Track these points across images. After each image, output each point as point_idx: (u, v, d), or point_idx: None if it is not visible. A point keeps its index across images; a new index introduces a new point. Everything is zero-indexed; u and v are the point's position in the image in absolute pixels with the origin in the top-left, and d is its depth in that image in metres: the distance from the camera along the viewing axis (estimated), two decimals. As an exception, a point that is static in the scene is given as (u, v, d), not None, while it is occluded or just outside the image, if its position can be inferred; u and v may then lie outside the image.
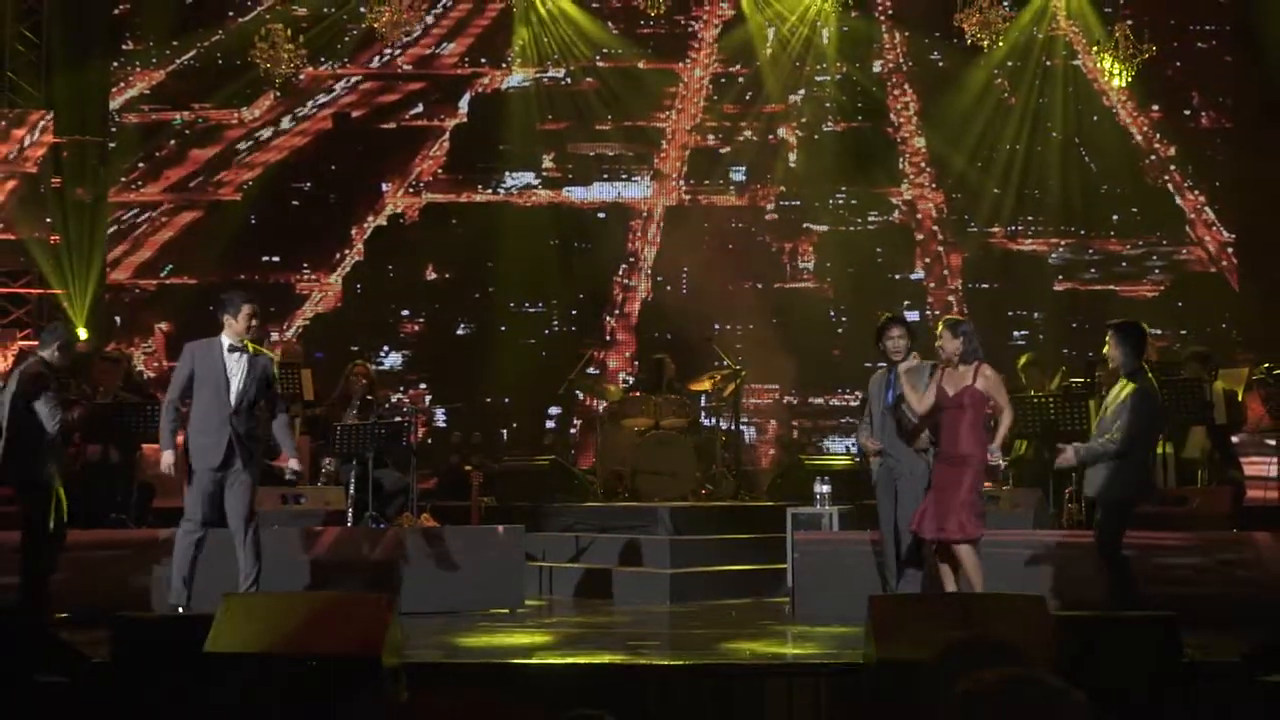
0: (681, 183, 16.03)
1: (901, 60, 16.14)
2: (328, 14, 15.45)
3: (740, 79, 16.18)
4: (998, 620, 5.51)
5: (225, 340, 7.49)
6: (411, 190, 16.07)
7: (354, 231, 15.85)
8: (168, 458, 7.52)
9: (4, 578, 7.91)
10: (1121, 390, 7.31)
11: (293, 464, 7.90)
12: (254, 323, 7.60)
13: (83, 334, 14.24)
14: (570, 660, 6.81)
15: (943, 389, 7.37)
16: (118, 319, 15.49)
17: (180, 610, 7.24)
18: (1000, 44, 14.90)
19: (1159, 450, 9.74)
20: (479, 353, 15.25)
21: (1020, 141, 15.45)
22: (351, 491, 9.68)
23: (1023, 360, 11.06)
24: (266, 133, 15.94)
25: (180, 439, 7.66)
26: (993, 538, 7.76)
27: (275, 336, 15.23)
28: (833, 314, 15.64)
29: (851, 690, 5.76)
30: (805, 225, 15.88)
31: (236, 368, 7.49)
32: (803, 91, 16.06)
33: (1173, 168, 15.66)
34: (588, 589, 9.69)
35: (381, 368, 15.13)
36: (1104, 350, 7.62)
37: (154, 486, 10.28)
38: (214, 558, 7.48)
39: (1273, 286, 14.32)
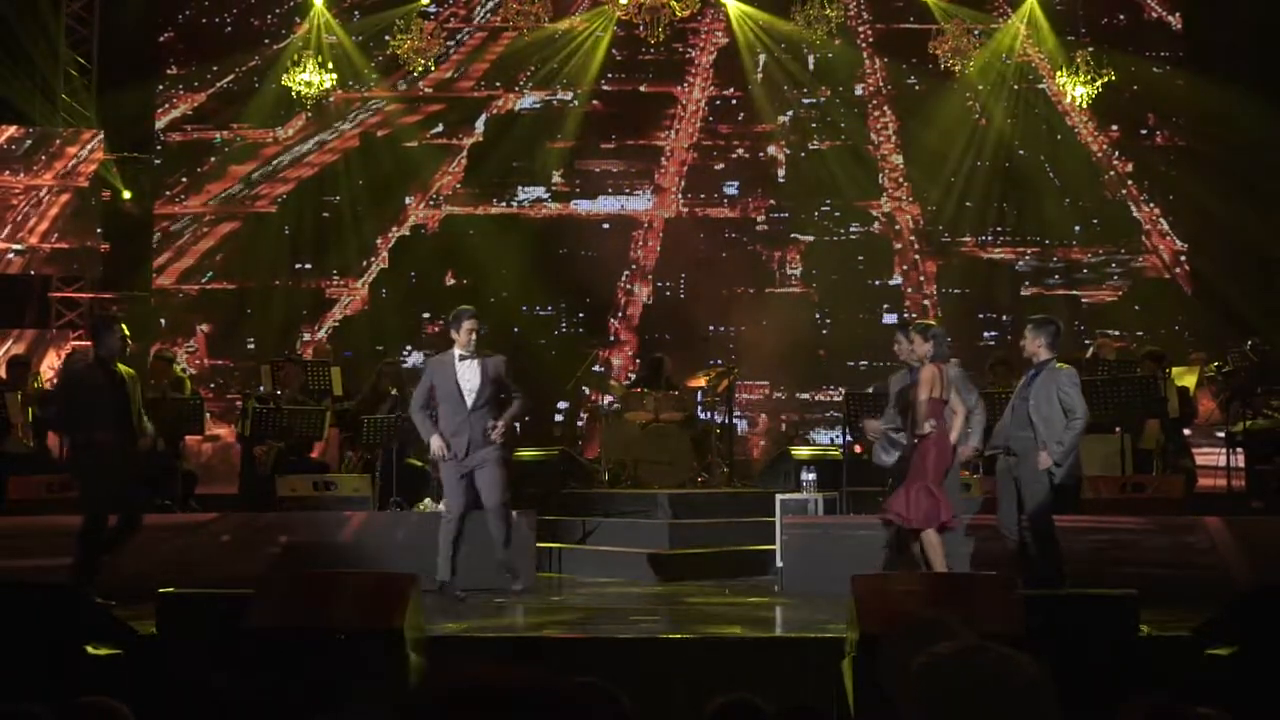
0: (679, 196, 16.01)
1: (881, 84, 16.11)
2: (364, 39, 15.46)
3: (733, 101, 16.17)
4: (970, 598, 5.51)
5: (456, 352, 7.89)
6: (432, 203, 16.05)
7: (379, 241, 15.84)
8: (436, 442, 7.88)
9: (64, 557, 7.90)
10: (1040, 378, 7.33)
11: (496, 429, 7.93)
12: (474, 335, 7.92)
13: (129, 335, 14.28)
14: (577, 633, 6.81)
15: (911, 387, 7.39)
16: (163, 321, 15.48)
17: (442, 585, 7.74)
18: (971, 69, 14.90)
19: (1119, 441, 9.80)
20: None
21: (990, 158, 15.44)
22: (378, 479, 9.69)
23: (992, 360, 11.06)
24: (299, 150, 15.93)
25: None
26: (964, 520, 7.75)
27: (307, 337, 15.23)
28: (818, 317, 15.61)
29: (835, 661, 5.76)
30: (793, 235, 15.86)
31: (468, 374, 7.88)
32: (790, 113, 16.04)
33: (1130, 183, 15.65)
34: (593, 568, 9.69)
35: (405, 365, 15.12)
36: (1022, 343, 7.62)
37: (196, 475, 10.31)
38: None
39: (1221, 292, 14.33)
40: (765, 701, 3.21)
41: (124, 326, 8.06)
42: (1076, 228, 15.64)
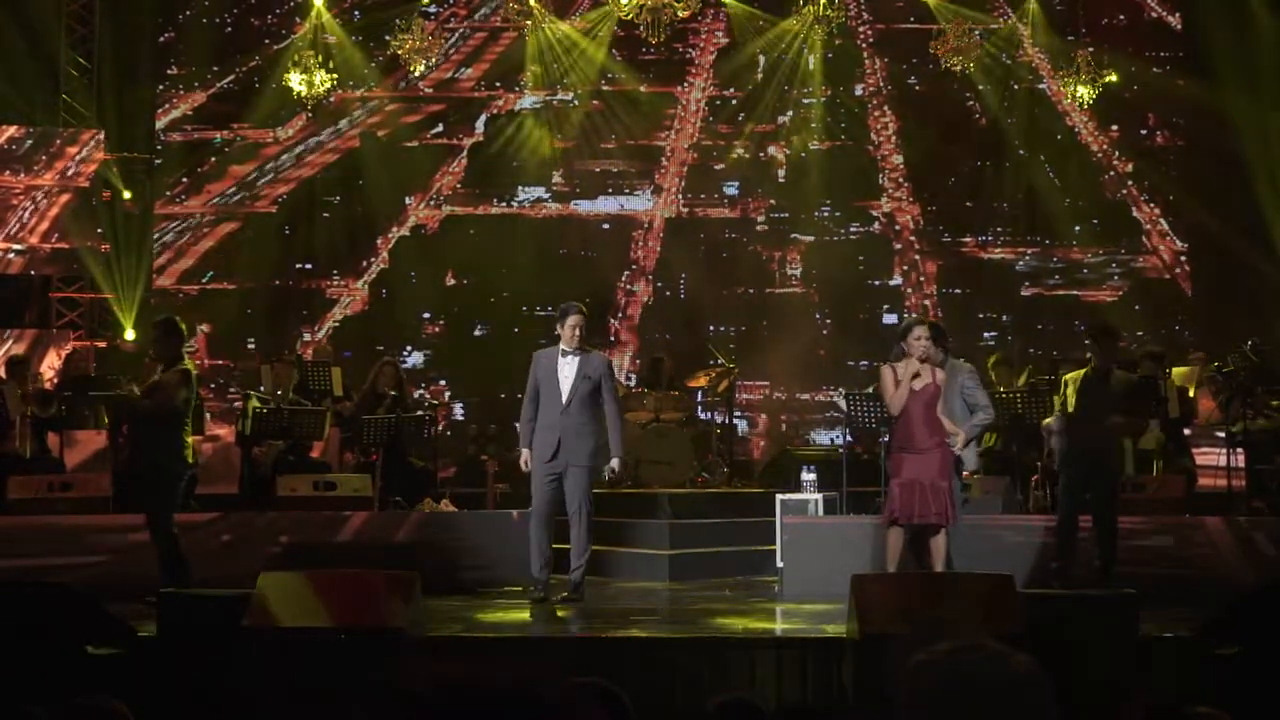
0: (680, 196, 16.00)
1: (882, 84, 16.10)
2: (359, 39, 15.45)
3: (733, 101, 16.15)
4: (970, 597, 5.51)
5: (560, 347, 7.84)
6: (432, 203, 16.04)
7: (380, 241, 15.82)
8: (523, 455, 7.86)
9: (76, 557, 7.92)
10: (1110, 379, 7.68)
11: (613, 463, 7.93)
12: (577, 331, 7.82)
13: (130, 335, 14.28)
14: (578, 633, 6.81)
15: (906, 385, 7.38)
16: (163, 321, 15.43)
17: (537, 586, 7.79)
18: (971, 69, 14.88)
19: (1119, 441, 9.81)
20: (494, 352, 15.22)
21: (990, 158, 15.43)
22: (378, 479, 9.68)
23: (992, 359, 11.06)
24: (299, 150, 15.92)
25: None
26: (965, 521, 7.76)
27: (307, 337, 15.23)
28: (818, 317, 15.60)
29: (835, 661, 5.76)
30: (793, 235, 15.84)
31: (568, 370, 7.77)
32: (791, 113, 16.02)
33: (1130, 183, 15.63)
34: (593, 568, 9.67)
35: (405, 366, 15.10)
36: (1087, 355, 7.97)
37: (196, 475, 10.29)
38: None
39: (1221, 292, 14.32)
40: (765, 701, 3.21)
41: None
42: (1076, 228, 15.62)
